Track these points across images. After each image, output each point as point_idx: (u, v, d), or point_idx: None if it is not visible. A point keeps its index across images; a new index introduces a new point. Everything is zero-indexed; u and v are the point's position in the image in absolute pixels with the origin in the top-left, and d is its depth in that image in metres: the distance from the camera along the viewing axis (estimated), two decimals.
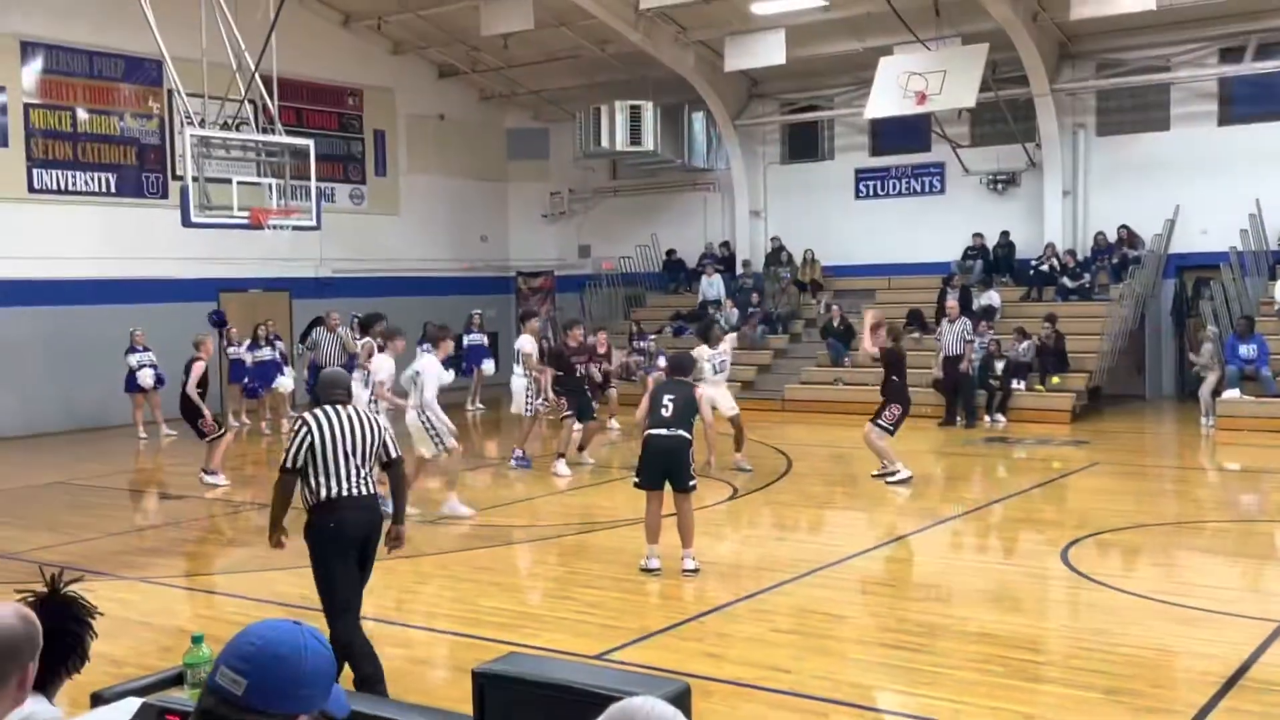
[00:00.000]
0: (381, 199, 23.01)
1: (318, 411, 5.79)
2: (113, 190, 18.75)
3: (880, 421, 11.97)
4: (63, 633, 2.64)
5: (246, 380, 17.72)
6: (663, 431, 8.27)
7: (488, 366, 20.02)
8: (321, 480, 5.63)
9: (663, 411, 8.30)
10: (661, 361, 19.89)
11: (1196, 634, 6.83)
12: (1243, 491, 12.73)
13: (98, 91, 18.57)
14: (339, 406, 5.81)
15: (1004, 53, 18.72)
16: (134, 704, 3.11)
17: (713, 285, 22.23)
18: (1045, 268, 19.73)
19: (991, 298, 19.49)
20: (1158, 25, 18.36)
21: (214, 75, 14.39)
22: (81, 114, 18.39)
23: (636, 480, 8.42)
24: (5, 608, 2.52)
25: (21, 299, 17.18)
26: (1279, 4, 17.69)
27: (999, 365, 17.17)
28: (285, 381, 17.67)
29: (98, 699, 3.23)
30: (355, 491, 5.67)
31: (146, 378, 16.66)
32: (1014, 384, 17.11)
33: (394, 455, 5.92)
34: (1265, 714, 5.54)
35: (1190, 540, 9.74)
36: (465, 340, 20.23)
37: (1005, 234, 20.55)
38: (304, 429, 5.69)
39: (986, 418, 16.98)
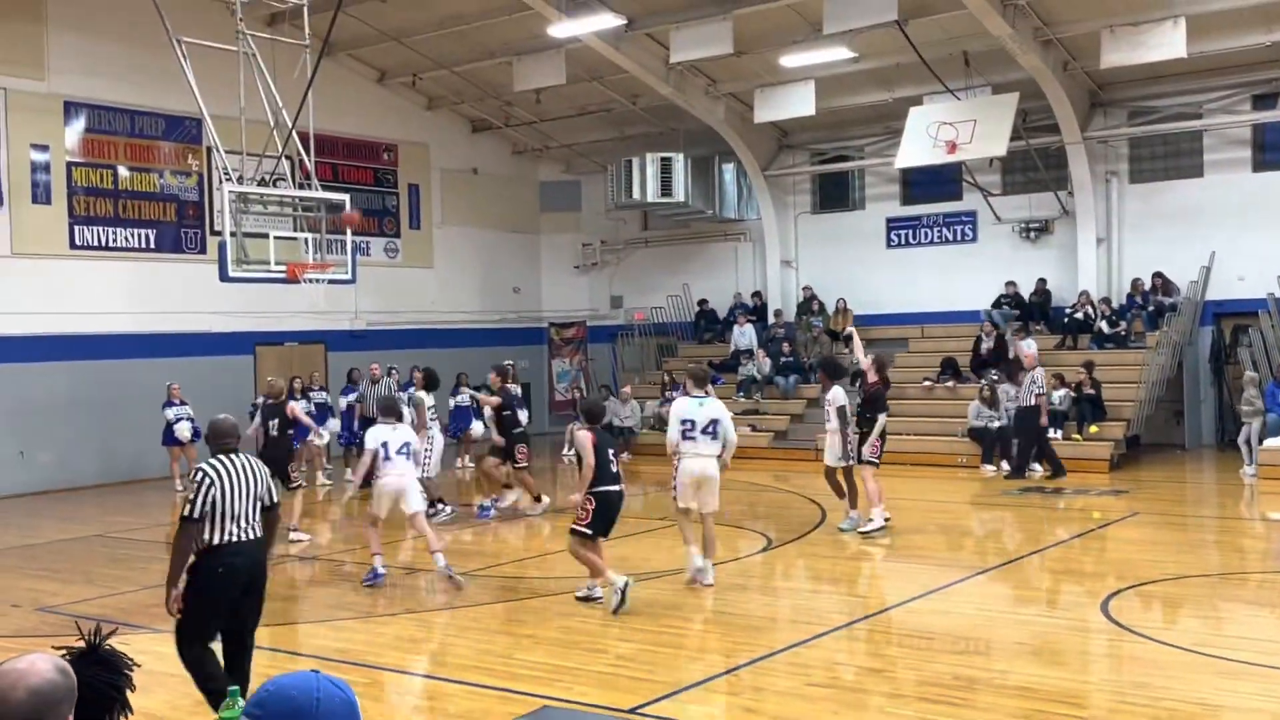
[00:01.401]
0: (416, 252, 23.25)
1: (214, 461, 6.04)
2: (152, 246, 19.05)
3: (868, 457, 11.96)
4: (105, 687, 2.65)
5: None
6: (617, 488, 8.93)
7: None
8: (216, 527, 5.90)
9: (612, 467, 8.86)
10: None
11: (1242, 688, 6.70)
12: None
13: (138, 149, 18.96)
14: (232, 455, 6.08)
15: (1034, 101, 18.76)
16: None
17: (744, 335, 22.23)
18: (1080, 315, 19.60)
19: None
20: (1189, 72, 18.34)
21: (252, 132, 14.63)
22: (122, 171, 18.76)
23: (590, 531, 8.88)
24: (45, 661, 2.54)
25: (61, 354, 17.45)
26: None
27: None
28: (322, 434, 17.77)
29: None
30: (244, 537, 5.97)
31: (184, 430, 16.81)
32: (1052, 432, 16.95)
33: (274, 501, 6.24)
34: None
35: (1234, 592, 9.57)
36: (451, 402, 20.16)
37: (1042, 281, 20.44)
38: (206, 480, 5.93)
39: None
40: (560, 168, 25.72)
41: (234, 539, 5.91)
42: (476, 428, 19.42)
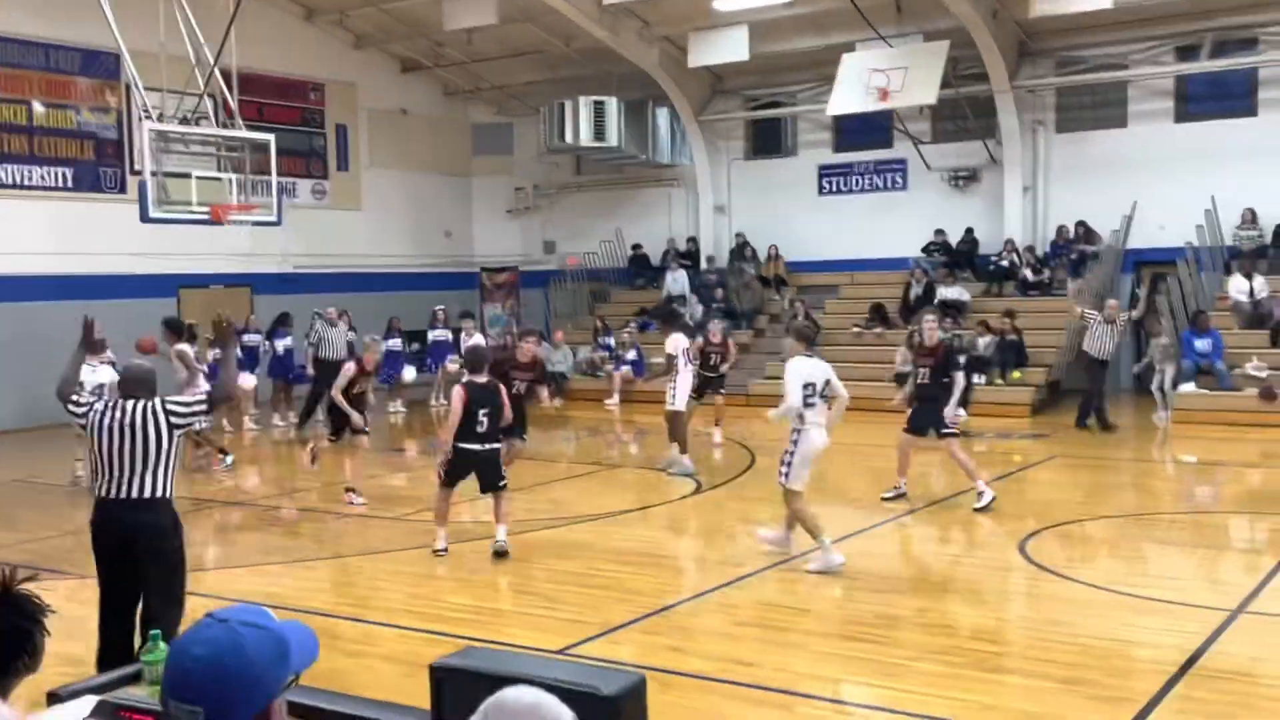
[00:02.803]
0: (344, 194, 22.87)
1: (105, 403, 5.62)
2: (70, 185, 18.53)
3: (949, 429, 10.53)
4: (14, 631, 2.61)
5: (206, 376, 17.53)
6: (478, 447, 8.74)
7: (451, 363, 19.92)
8: (97, 476, 5.55)
9: (478, 427, 8.66)
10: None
11: (1151, 624, 6.93)
12: (1197, 484, 12.92)
13: (54, 85, 18.35)
14: (132, 403, 5.51)
15: (965, 50, 18.86)
16: (90, 702, 3.10)
17: (678, 281, 22.26)
18: (1005, 263, 19.92)
19: (955, 292, 19.64)
20: (1115, 23, 18.55)
21: (173, 69, 14.22)
22: (37, 107, 18.17)
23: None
24: None
25: None
26: (1234, 3, 17.94)
27: (960, 359, 17.28)
28: (248, 378, 17.51)
29: (54, 698, 3.21)
30: (120, 494, 5.44)
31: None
32: (975, 378, 17.24)
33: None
34: (1217, 701, 5.63)
35: (1146, 532, 9.87)
36: (430, 336, 20.15)
37: (970, 230, 20.70)
38: (87, 410, 5.55)
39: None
40: (492, 110, 25.37)
41: (108, 494, 5.49)
42: (408, 373, 19.38)
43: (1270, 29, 18.37)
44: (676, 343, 13.01)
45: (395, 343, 18.75)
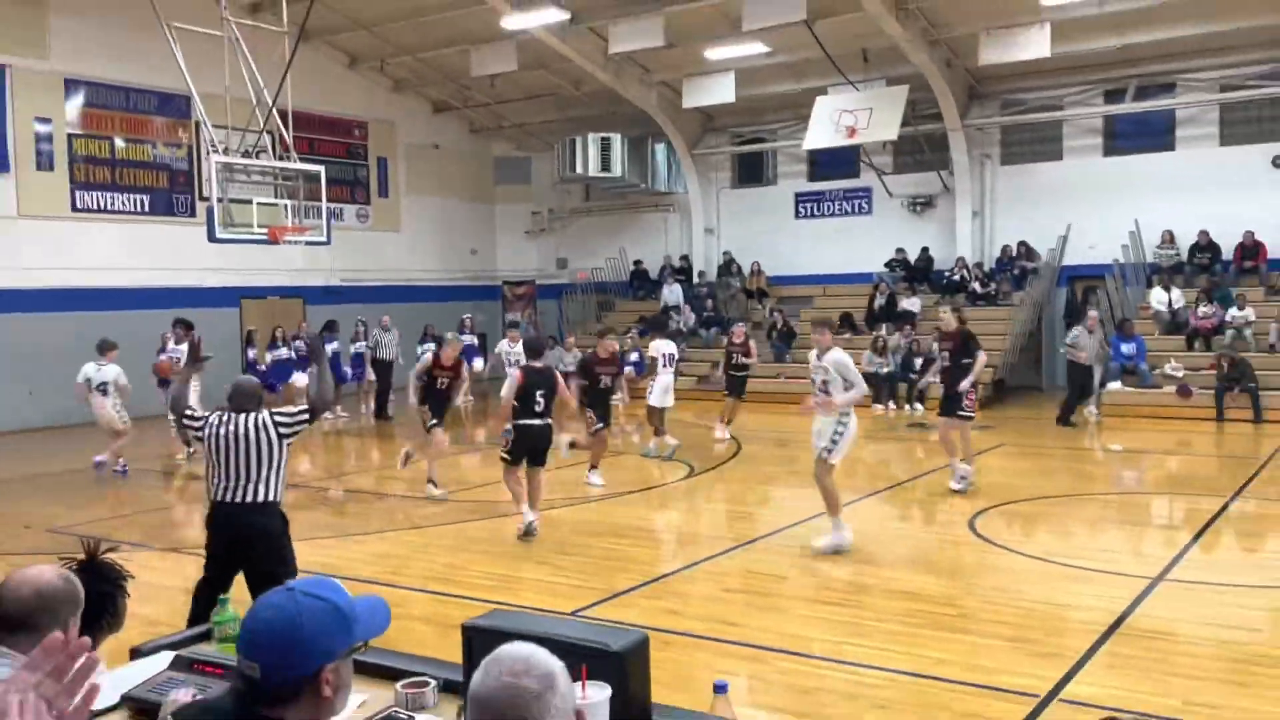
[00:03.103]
0: (384, 217, 22.86)
1: (219, 417, 5.32)
2: (146, 209, 18.54)
3: (962, 411, 10.11)
4: (99, 595, 2.62)
5: (265, 377, 17.55)
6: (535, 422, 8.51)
7: (477, 363, 19.91)
8: (211, 481, 5.34)
9: (535, 406, 8.44)
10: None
11: (1084, 590, 6.92)
12: (1124, 469, 12.90)
13: (133, 123, 18.37)
14: (243, 416, 5.28)
15: (922, 93, 18.88)
16: (168, 656, 3.10)
17: (673, 293, 22.26)
18: (957, 277, 19.91)
19: (913, 303, 19.64)
20: (1052, 70, 18.56)
21: (236, 109, 14.24)
22: (119, 142, 18.19)
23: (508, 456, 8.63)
24: (48, 569, 2.50)
25: (66, 305, 16.96)
26: (1155, 53, 17.95)
27: (918, 361, 17.30)
28: (300, 377, 17.52)
29: (136, 653, 3.21)
30: (235, 499, 5.25)
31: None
32: (930, 377, 17.21)
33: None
34: (1141, 656, 5.63)
35: (1080, 510, 9.86)
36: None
37: (926, 249, 20.71)
38: (203, 424, 5.32)
39: (906, 406, 17.14)
40: (512, 145, 25.37)
41: (222, 498, 5.31)
42: (478, 363, 19.38)
43: (1186, 75, 18.38)
44: (658, 347, 13.33)
45: (467, 338, 18.98)
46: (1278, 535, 9.06)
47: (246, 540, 5.26)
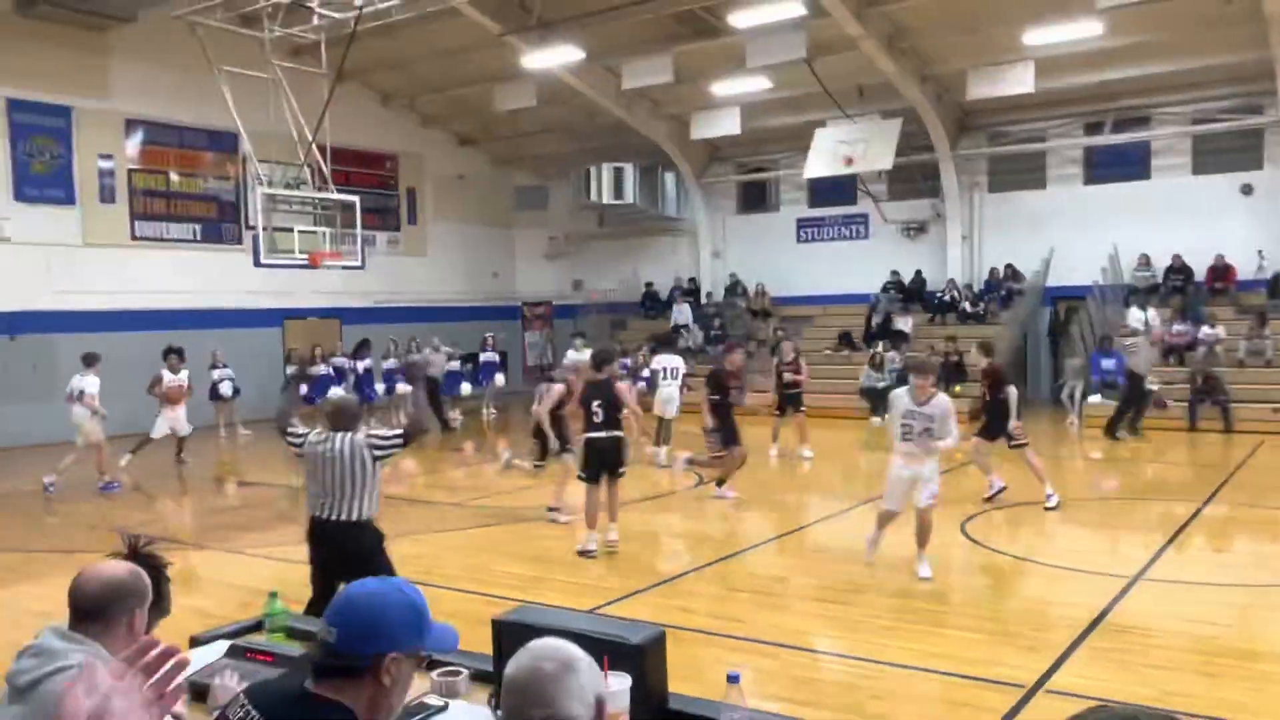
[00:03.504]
0: (413, 243, 23.01)
1: (319, 435, 5.18)
2: (198, 238, 18.74)
3: (1015, 441, 9.92)
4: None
5: (305, 392, 17.64)
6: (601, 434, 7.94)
7: (499, 379, 20.02)
8: (309, 495, 5.22)
9: (595, 417, 7.88)
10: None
11: (1066, 588, 6.94)
12: (1103, 476, 12.87)
13: (186, 158, 18.60)
14: (341, 436, 5.12)
15: (914, 125, 18.92)
16: (224, 645, 3.18)
17: (682, 312, 22.29)
18: (948, 298, 19.91)
19: (906, 323, 19.63)
20: (1036, 104, 18.58)
21: (280, 144, 14.42)
22: (174, 176, 18.43)
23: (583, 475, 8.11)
24: (121, 565, 2.57)
25: (127, 326, 17.16)
26: (1131, 88, 17.98)
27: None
28: (337, 391, 17.61)
29: (195, 641, 3.29)
30: (332, 516, 5.10)
31: (226, 389, 16.66)
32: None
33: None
34: (1119, 649, 5.65)
35: (1061, 515, 9.85)
36: (480, 357, 20.19)
37: (919, 271, 20.71)
38: (302, 441, 5.16)
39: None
40: (531, 174, 25.50)
41: (317, 514, 5.14)
42: (464, 387, 19.39)
43: (1160, 110, 18.39)
44: (660, 361, 13.45)
45: (455, 364, 18.82)
46: (1246, 538, 9.04)
47: (339, 558, 5.09)
